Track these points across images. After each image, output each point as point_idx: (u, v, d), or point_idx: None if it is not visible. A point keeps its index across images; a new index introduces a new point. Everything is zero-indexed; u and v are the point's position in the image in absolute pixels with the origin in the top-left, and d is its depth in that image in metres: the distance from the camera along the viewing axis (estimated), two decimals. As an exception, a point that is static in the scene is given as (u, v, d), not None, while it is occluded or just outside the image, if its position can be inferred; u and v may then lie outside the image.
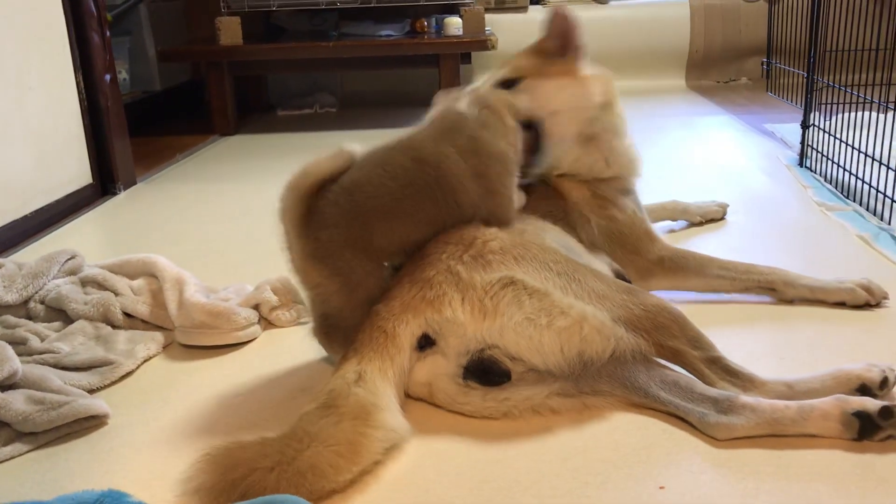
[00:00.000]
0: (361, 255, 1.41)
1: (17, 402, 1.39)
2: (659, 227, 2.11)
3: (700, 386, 1.35)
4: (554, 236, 1.63)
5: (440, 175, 1.42)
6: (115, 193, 3.04)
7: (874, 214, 2.34)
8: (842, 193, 2.58)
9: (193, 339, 1.74)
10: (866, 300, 1.76)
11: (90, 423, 1.42)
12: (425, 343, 1.40)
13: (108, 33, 3.03)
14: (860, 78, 2.78)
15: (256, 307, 1.80)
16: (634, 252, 1.80)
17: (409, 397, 1.44)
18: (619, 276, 1.70)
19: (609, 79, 1.87)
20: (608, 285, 1.45)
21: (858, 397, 1.29)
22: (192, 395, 1.54)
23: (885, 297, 1.78)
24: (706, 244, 2.20)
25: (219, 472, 1.15)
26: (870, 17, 2.59)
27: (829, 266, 1.87)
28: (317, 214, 1.39)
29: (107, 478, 1.28)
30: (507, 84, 1.78)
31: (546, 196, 1.80)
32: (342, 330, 1.44)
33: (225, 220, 2.69)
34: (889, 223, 2.25)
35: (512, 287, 1.39)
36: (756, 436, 1.28)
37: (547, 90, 1.77)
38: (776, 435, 1.27)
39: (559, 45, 1.80)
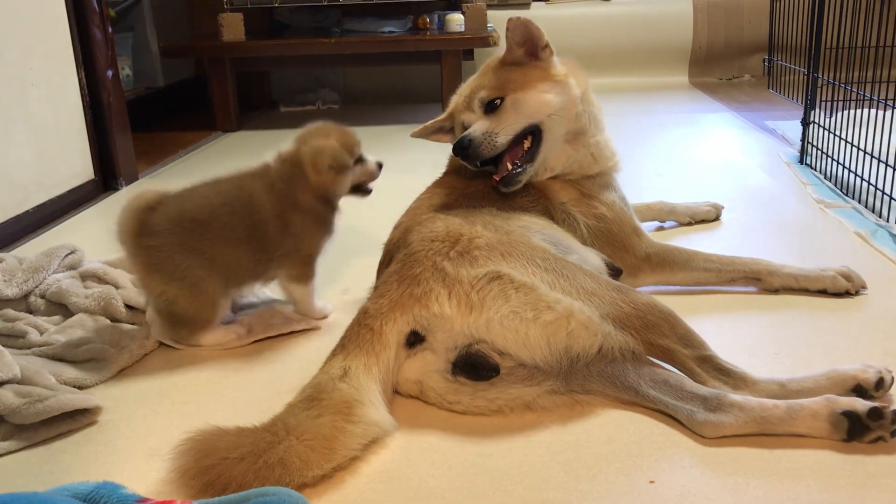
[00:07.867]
0: (192, 256, 1.63)
1: (5, 396, 1.40)
2: (647, 227, 2.12)
3: (689, 384, 1.35)
4: (544, 234, 1.63)
5: (252, 204, 1.68)
6: (116, 189, 3.06)
7: (873, 211, 2.34)
8: (841, 191, 2.58)
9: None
10: (846, 288, 1.80)
11: (86, 418, 1.44)
12: (415, 340, 1.41)
13: (110, 29, 3.04)
14: (861, 75, 2.77)
15: None
16: (623, 249, 1.81)
17: (400, 395, 1.45)
18: (611, 267, 1.71)
19: (577, 66, 1.88)
20: (598, 283, 1.46)
21: (848, 397, 1.28)
22: (189, 389, 1.55)
23: (864, 287, 1.82)
24: (705, 241, 2.21)
25: (195, 457, 1.17)
26: (871, 14, 2.59)
27: (826, 263, 1.87)
28: (147, 227, 1.62)
29: (104, 470, 1.30)
30: (491, 104, 1.77)
31: (536, 198, 1.80)
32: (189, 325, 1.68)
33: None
34: (887, 220, 2.25)
35: (498, 281, 1.40)
36: (744, 434, 1.28)
37: (534, 99, 1.77)
38: (765, 434, 1.28)
39: (526, 52, 1.81)
